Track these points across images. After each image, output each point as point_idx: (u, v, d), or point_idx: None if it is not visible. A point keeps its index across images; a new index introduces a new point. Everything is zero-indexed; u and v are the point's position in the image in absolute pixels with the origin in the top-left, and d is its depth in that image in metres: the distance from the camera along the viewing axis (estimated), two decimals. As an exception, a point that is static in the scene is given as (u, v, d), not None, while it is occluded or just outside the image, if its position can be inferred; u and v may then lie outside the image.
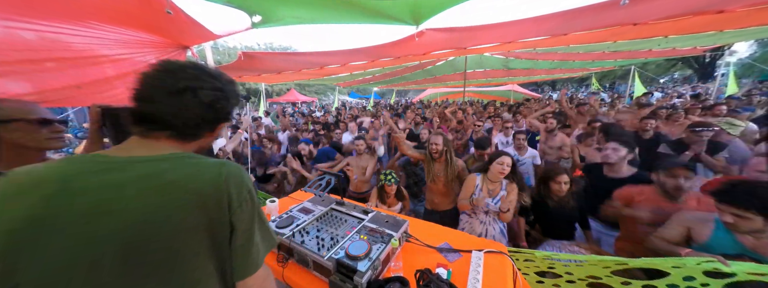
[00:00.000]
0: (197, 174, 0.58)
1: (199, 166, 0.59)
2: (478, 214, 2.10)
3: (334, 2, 2.22)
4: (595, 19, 2.79)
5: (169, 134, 0.62)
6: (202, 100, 0.61)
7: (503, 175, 2.03)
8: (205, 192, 0.56)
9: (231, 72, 5.07)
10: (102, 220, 0.49)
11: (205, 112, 0.63)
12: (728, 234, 1.30)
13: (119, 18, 1.98)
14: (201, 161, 0.61)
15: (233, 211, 0.59)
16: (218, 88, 0.64)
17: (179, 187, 0.55)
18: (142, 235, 0.51)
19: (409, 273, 1.06)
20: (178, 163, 0.59)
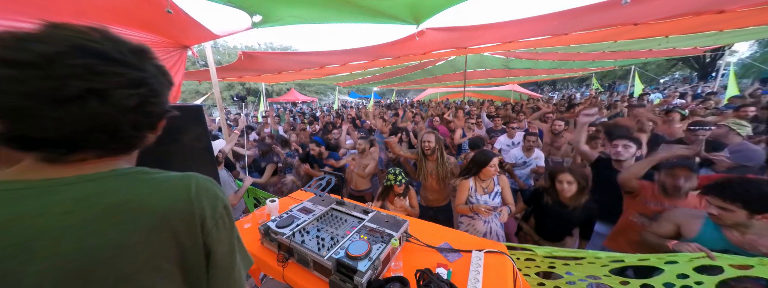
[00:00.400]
0: (157, 192, 0.46)
1: (159, 181, 0.47)
2: (480, 214, 2.10)
3: (334, 2, 2.22)
4: (596, 19, 2.79)
5: (86, 156, 0.46)
6: (120, 106, 0.42)
7: (495, 174, 2.11)
8: (170, 213, 0.45)
9: (231, 72, 5.08)
10: (23, 266, 0.37)
11: (129, 118, 0.44)
12: (716, 230, 1.35)
13: (119, 17, 1.98)
14: (159, 176, 0.48)
15: (208, 231, 0.48)
16: (140, 81, 0.44)
17: (133, 209, 0.43)
18: (85, 278, 0.39)
19: (410, 273, 1.06)
20: (127, 181, 0.46)
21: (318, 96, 25.80)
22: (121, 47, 0.44)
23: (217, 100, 3.19)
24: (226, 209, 0.52)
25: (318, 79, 8.72)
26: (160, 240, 0.44)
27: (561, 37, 3.49)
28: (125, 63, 0.43)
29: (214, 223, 0.49)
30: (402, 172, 2.23)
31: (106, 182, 0.45)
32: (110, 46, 0.43)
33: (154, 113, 0.49)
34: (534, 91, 22.17)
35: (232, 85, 19.71)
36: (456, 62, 6.97)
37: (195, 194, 0.48)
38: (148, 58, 0.48)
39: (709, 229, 1.37)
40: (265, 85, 11.53)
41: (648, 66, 16.94)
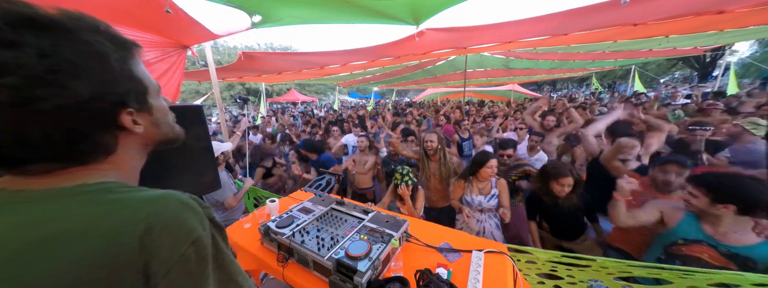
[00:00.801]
0: (98, 223, 0.35)
1: (112, 205, 0.37)
2: (474, 213, 2.13)
3: (333, 2, 2.23)
4: (595, 20, 2.79)
5: (43, 167, 0.38)
6: (45, 111, 0.34)
7: (492, 176, 2.10)
8: (101, 253, 0.33)
9: (231, 72, 5.08)
10: None
11: (27, 117, 0.34)
12: (695, 221, 1.40)
13: (118, 17, 1.98)
14: (121, 197, 0.38)
15: (154, 282, 0.35)
16: (4, 66, 0.32)
17: (63, 244, 0.33)
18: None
19: (409, 273, 1.06)
20: (80, 203, 0.37)
21: (318, 96, 25.81)
22: (3, 17, 0.32)
23: (217, 100, 3.19)
24: (196, 245, 0.38)
25: (318, 79, 8.72)
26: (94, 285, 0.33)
27: (560, 37, 3.49)
28: (32, 54, 0.32)
29: (167, 270, 0.35)
30: (410, 172, 2.09)
31: (61, 202, 0.37)
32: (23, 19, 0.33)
33: (62, 108, 0.35)
34: (534, 91, 22.18)
35: (232, 85, 19.72)
36: (456, 62, 6.97)
37: (144, 230, 0.35)
38: (38, 29, 0.34)
39: (688, 220, 1.42)
40: (265, 85, 11.53)
41: (648, 66, 16.93)
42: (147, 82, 0.46)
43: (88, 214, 0.36)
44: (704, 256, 1.32)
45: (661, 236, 1.50)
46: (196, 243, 0.38)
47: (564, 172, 1.89)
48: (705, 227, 1.36)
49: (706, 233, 1.34)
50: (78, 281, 0.32)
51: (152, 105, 0.47)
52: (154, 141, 0.50)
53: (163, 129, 0.51)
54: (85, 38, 0.37)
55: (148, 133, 0.48)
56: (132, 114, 0.43)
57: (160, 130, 0.50)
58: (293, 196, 1.96)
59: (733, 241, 1.28)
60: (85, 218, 0.35)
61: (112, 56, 0.40)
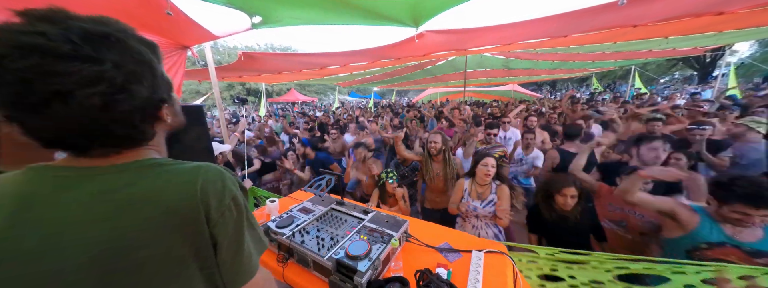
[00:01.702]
0: (166, 186, 0.48)
1: (170, 175, 0.49)
2: (469, 218, 2.06)
3: (333, 4, 2.23)
4: (595, 21, 2.79)
5: (105, 151, 0.48)
6: (86, 107, 0.40)
7: (489, 177, 1.98)
8: (177, 207, 0.47)
9: (231, 72, 5.08)
10: (53, 250, 0.41)
11: (106, 117, 0.43)
12: (714, 223, 1.36)
13: (118, 18, 1.98)
14: (173, 168, 0.50)
15: (213, 223, 0.49)
16: (97, 78, 0.40)
17: (146, 203, 0.45)
18: (106, 263, 0.42)
19: (409, 273, 1.06)
20: (144, 174, 0.48)
21: (318, 96, 25.82)
22: (71, 35, 0.39)
23: (217, 100, 3.19)
24: (235, 199, 0.53)
25: (318, 79, 8.73)
26: (172, 231, 0.46)
27: (560, 39, 3.50)
28: (76, 57, 0.39)
29: (220, 215, 0.50)
30: (394, 171, 2.24)
31: (130, 174, 0.48)
32: (58, 36, 0.38)
33: (137, 107, 0.46)
34: (534, 91, 22.19)
35: (232, 85, 19.72)
36: (456, 62, 6.97)
37: (201, 188, 0.49)
38: (108, 43, 0.42)
39: (706, 222, 1.39)
40: (265, 85, 11.53)
41: (648, 66, 16.94)
42: (169, 79, 0.56)
43: (157, 180, 0.48)
44: (731, 258, 1.28)
45: (681, 240, 1.43)
46: (235, 199, 0.53)
47: (566, 182, 1.75)
48: (725, 228, 1.33)
49: (727, 234, 1.31)
50: (163, 227, 0.46)
51: (173, 98, 0.57)
52: (172, 128, 0.61)
53: (179, 117, 0.61)
54: (136, 48, 0.46)
55: (172, 121, 0.58)
56: (167, 108, 0.54)
57: (177, 119, 0.60)
58: (293, 196, 1.97)
59: (751, 238, 1.27)
60: (157, 183, 0.48)
61: (154, 62, 0.49)
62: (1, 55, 0.37)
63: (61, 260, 0.41)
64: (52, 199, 0.44)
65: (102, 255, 0.42)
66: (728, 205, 1.28)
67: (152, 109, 0.51)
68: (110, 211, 0.44)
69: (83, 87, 0.39)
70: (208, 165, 0.53)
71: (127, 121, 0.46)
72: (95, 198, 0.44)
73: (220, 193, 0.50)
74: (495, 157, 2.05)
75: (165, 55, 2.77)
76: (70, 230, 0.42)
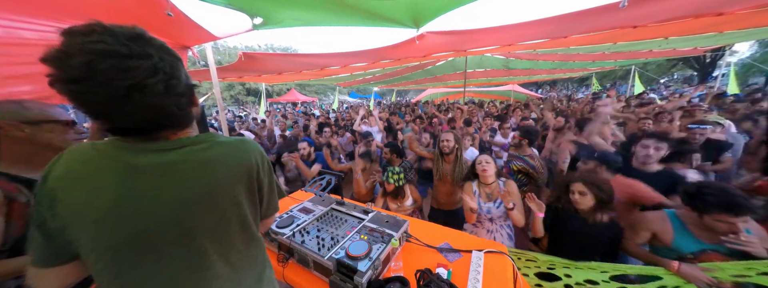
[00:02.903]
0: (231, 150, 0.68)
1: (230, 144, 0.69)
2: (483, 222, 1.98)
3: (334, 5, 2.23)
4: (595, 22, 2.79)
5: (167, 133, 0.63)
6: (155, 93, 0.52)
7: (487, 173, 1.94)
8: (243, 163, 0.69)
9: (231, 72, 5.08)
10: (148, 205, 0.56)
11: (169, 101, 0.56)
12: (686, 231, 1.36)
13: (119, 18, 1.99)
14: (227, 140, 0.69)
15: (261, 175, 0.73)
16: (154, 68, 0.52)
17: (225, 161, 0.66)
18: (211, 198, 0.63)
19: (410, 273, 1.07)
20: (207, 143, 0.65)
21: (318, 96, 25.81)
22: (120, 39, 0.49)
23: (217, 100, 3.19)
24: (268, 162, 0.77)
25: (318, 80, 8.72)
26: (240, 178, 0.69)
27: (560, 39, 3.50)
28: (134, 55, 0.49)
29: (264, 171, 0.75)
30: (398, 172, 2.19)
31: (194, 145, 0.63)
32: (113, 41, 0.48)
33: (183, 91, 0.58)
34: (534, 91, 22.19)
35: (233, 84, 19.73)
36: (456, 62, 6.97)
37: (253, 152, 0.72)
38: (145, 41, 0.52)
39: (679, 233, 1.38)
40: (265, 85, 11.53)
41: (648, 66, 16.94)
42: None
43: (223, 147, 0.67)
44: (716, 262, 1.29)
45: (667, 251, 1.42)
46: (268, 162, 0.78)
47: (572, 177, 1.68)
48: (698, 235, 1.34)
49: (701, 240, 1.32)
50: (235, 177, 0.68)
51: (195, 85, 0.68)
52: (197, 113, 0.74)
53: (198, 106, 0.73)
54: (162, 45, 0.56)
55: (195, 108, 0.69)
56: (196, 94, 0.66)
57: (198, 107, 0.72)
58: (293, 196, 1.97)
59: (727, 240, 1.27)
60: (224, 149, 0.67)
61: (175, 54, 0.59)
62: (89, 60, 0.46)
63: (175, 206, 0.58)
64: (144, 168, 0.57)
65: (198, 198, 0.61)
66: (709, 215, 1.26)
67: (191, 94, 0.63)
68: (195, 169, 0.61)
69: (149, 77, 0.51)
70: (247, 139, 0.75)
71: (180, 104, 0.59)
72: (192, 158, 0.61)
73: (261, 157, 0.75)
74: (509, 162, 2.04)
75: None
76: (171, 187, 0.58)
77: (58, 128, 1.01)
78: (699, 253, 1.32)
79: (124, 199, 0.55)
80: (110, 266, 0.55)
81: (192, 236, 0.61)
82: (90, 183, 0.54)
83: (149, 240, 0.57)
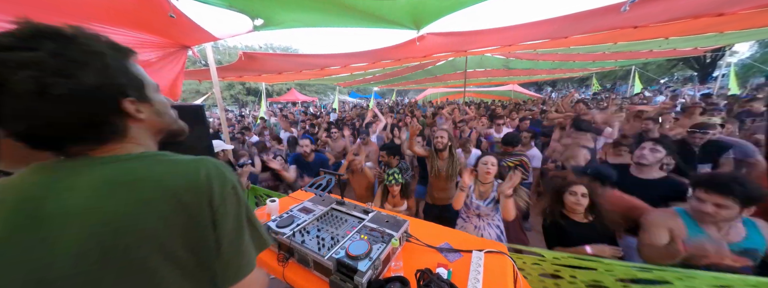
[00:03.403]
0: (170, 171, 0.50)
1: (175, 162, 0.52)
2: (471, 218, 2.06)
3: (335, 7, 2.23)
4: (596, 23, 2.80)
5: (85, 147, 0.51)
6: (20, 92, 0.42)
7: (491, 176, 1.99)
8: (182, 189, 0.48)
9: (232, 72, 5.09)
10: (59, 228, 0.43)
11: (47, 103, 0.44)
12: (699, 228, 1.35)
13: (121, 19, 1.99)
14: (172, 158, 0.53)
15: (216, 208, 0.50)
16: (27, 61, 0.42)
17: (151, 184, 0.47)
18: (108, 240, 0.43)
19: (410, 273, 1.07)
20: (149, 161, 0.51)
21: (318, 96, 25.80)
22: (21, 32, 0.43)
23: (217, 100, 3.20)
24: (235, 190, 0.54)
25: (319, 79, 8.73)
26: (171, 214, 0.47)
27: (561, 40, 3.51)
28: (13, 47, 0.42)
29: (222, 201, 0.51)
30: (397, 173, 2.23)
31: (140, 160, 0.51)
32: (7, 35, 0.43)
33: (75, 95, 0.45)
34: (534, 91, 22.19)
35: (233, 84, 19.73)
36: (456, 62, 6.98)
37: (205, 174, 0.51)
38: (53, 38, 0.45)
39: (693, 229, 1.37)
40: (265, 85, 11.54)
41: (648, 66, 16.94)
42: (143, 79, 0.56)
43: (157, 166, 0.50)
44: (726, 261, 1.26)
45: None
46: (235, 187, 0.54)
47: (574, 179, 1.64)
48: (710, 232, 1.32)
49: (713, 238, 1.30)
50: (164, 209, 0.47)
51: (151, 97, 0.57)
52: (159, 129, 0.61)
53: (166, 119, 0.61)
54: (86, 42, 0.47)
55: (152, 121, 0.58)
56: (134, 103, 0.53)
57: (163, 120, 0.60)
58: (293, 196, 1.97)
59: (736, 238, 1.28)
60: (157, 169, 0.50)
61: (108, 55, 0.49)
62: None
63: (67, 248, 0.42)
64: (49, 193, 0.46)
65: (102, 238, 0.43)
66: (695, 192, 1.30)
67: (106, 99, 0.49)
68: (104, 194, 0.45)
69: (15, 71, 0.41)
70: (209, 158, 0.55)
71: (84, 111, 0.47)
72: (103, 181, 0.47)
73: (222, 180, 0.52)
74: (502, 160, 2.06)
75: (165, 55, 2.77)
76: (72, 220, 0.44)
77: None
78: None
79: (11, 236, 0.43)
80: None
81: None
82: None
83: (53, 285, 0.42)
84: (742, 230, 1.29)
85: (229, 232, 0.52)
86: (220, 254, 0.51)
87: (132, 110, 0.52)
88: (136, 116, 0.53)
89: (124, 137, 0.53)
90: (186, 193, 0.48)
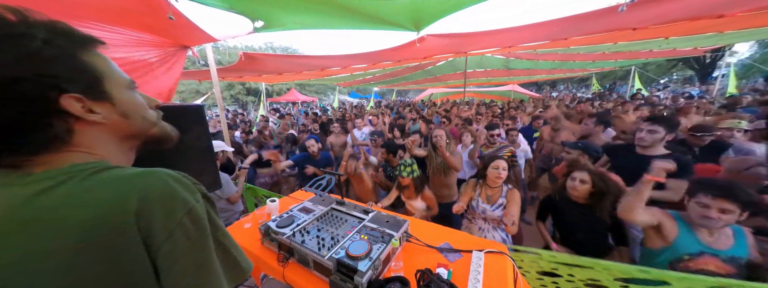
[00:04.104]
0: (85, 199, 0.36)
1: (101, 182, 0.38)
2: (476, 220, 2.01)
3: (336, 9, 2.23)
4: (595, 25, 2.80)
5: (13, 160, 0.40)
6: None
7: (501, 180, 1.93)
8: (94, 226, 0.35)
9: (232, 73, 5.09)
10: None
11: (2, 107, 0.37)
12: (691, 232, 1.36)
13: (121, 19, 1.98)
14: (109, 176, 0.39)
15: (157, 247, 0.37)
16: None
17: (51, 223, 0.35)
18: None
19: (410, 273, 1.07)
20: (73, 183, 0.38)
21: (318, 96, 25.80)
22: None
23: (217, 100, 3.19)
24: (191, 213, 0.40)
25: (319, 80, 8.74)
26: (86, 259, 0.34)
27: (560, 41, 3.52)
28: None
29: (167, 237, 0.38)
30: (410, 165, 2.12)
31: (35, 187, 0.37)
32: None
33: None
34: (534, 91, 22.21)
35: (233, 84, 19.72)
36: (456, 63, 6.98)
37: (138, 199, 0.37)
38: None
39: (685, 232, 1.38)
40: (265, 85, 11.54)
41: (648, 66, 16.94)
42: (104, 73, 0.45)
43: (74, 191, 0.37)
44: (711, 268, 1.29)
45: (664, 252, 1.41)
46: (191, 212, 0.40)
47: (578, 165, 1.70)
48: (701, 237, 1.33)
49: (704, 243, 1.32)
50: (91, 245, 0.35)
51: (112, 95, 0.46)
52: (128, 134, 0.49)
53: (136, 122, 0.49)
54: (7, 24, 0.38)
55: (115, 124, 0.46)
56: (81, 101, 0.42)
57: (131, 123, 0.48)
58: (293, 195, 1.97)
59: (724, 245, 1.29)
60: (71, 196, 0.37)
61: (43, 40, 0.39)
62: None
63: None
64: None
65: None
66: (693, 197, 1.31)
67: (34, 96, 0.38)
68: (10, 228, 0.35)
69: None
70: (158, 171, 0.42)
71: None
72: (5, 213, 0.35)
73: (170, 205, 0.39)
74: (505, 159, 2.00)
75: (165, 55, 2.77)
76: None
77: None
78: (696, 255, 1.32)
79: None
80: None
81: None
82: None
83: None
84: (730, 238, 1.31)
85: (180, 274, 0.39)
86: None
87: (77, 110, 0.41)
88: (85, 118, 0.42)
89: (65, 144, 0.42)
90: (100, 231, 0.35)
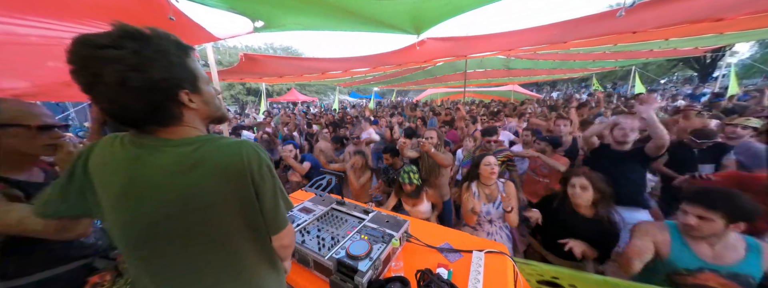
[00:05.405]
0: (221, 154, 0.63)
1: (221, 146, 0.64)
2: (483, 225, 1.96)
3: (336, 11, 2.23)
4: (594, 29, 2.80)
5: (155, 127, 0.64)
6: (109, 82, 0.53)
7: (494, 176, 1.93)
8: (231, 168, 0.62)
9: (232, 74, 5.08)
10: (150, 196, 0.60)
11: (127, 95, 0.56)
12: (685, 246, 1.28)
13: (121, 19, 1.99)
14: (220, 142, 0.65)
15: (256, 182, 0.66)
16: (115, 58, 0.53)
17: (209, 165, 0.61)
18: (183, 206, 0.61)
19: (410, 273, 1.07)
20: (207, 145, 0.63)
21: (318, 96, 25.79)
22: (112, 33, 0.54)
23: (218, 100, 3.18)
24: (269, 168, 0.68)
25: (319, 80, 8.73)
26: (226, 185, 0.63)
27: (559, 44, 3.52)
28: (107, 46, 0.52)
29: (260, 177, 0.66)
30: (413, 171, 2.10)
31: (197, 145, 0.63)
32: (104, 35, 0.53)
33: (142, 85, 0.56)
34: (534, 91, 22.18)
35: (233, 84, 19.72)
36: (456, 63, 6.96)
37: (245, 157, 0.64)
38: (135, 37, 0.55)
39: (678, 246, 1.30)
40: (265, 85, 11.54)
41: (648, 66, 16.92)
42: (197, 73, 0.67)
43: (210, 150, 0.63)
44: (711, 284, 1.20)
45: (660, 265, 1.34)
46: (268, 166, 0.68)
47: (577, 172, 1.70)
48: (697, 251, 1.25)
49: (702, 259, 1.23)
50: (219, 179, 0.62)
51: (202, 89, 0.67)
52: (207, 116, 0.72)
53: (211, 107, 0.71)
54: (158, 42, 0.58)
55: (201, 109, 0.68)
56: (188, 94, 0.64)
57: (209, 108, 0.71)
58: (293, 196, 1.97)
59: (729, 260, 1.19)
60: (209, 153, 0.62)
61: (172, 53, 0.60)
62: (76, 49, 0.53)
63: (157, 203, 0.60)
64: (145, 161, 0.61)
65: (178, 200, 0.60)
66: (681, 205, 1.26)
67: (168, 90, 0.60)
68: (180, 171, 0.60)
69: (106, 66, 0.52)
70: (247, 141, 0.67)
71: (150, 99, 0.58)
72: (168, 161, 0.61)
73: (258, 161, 0.66)
74: (492, 155, 2.01)
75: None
76: (160, 182, 0.60)
77: (24, 133, 0.92)
78: (696, 271, 1.23)
79: (128, 188, 0.61)
80: (133, 254, 0.65)
81: (188, 236, 0.63)
82: (106, 171, 0.63)
83: (158, 232, 0.62)
84: (740, 253, 1.19)
85: (268, 199, 0.69)
86: (264, 214, 0.69)
87: (185, 100, 0.63)
88: (188, 105, 0.64)
89: (181, 121, 0.65)
90: (234, 170, 0.63)
